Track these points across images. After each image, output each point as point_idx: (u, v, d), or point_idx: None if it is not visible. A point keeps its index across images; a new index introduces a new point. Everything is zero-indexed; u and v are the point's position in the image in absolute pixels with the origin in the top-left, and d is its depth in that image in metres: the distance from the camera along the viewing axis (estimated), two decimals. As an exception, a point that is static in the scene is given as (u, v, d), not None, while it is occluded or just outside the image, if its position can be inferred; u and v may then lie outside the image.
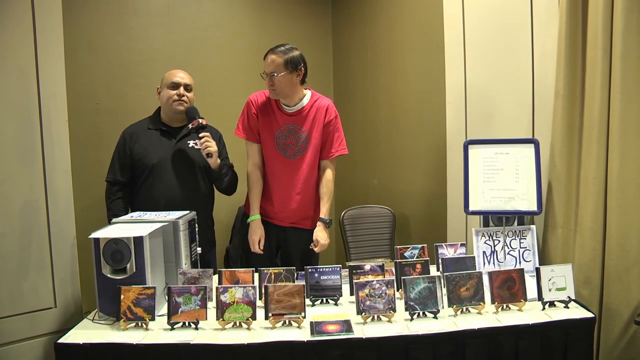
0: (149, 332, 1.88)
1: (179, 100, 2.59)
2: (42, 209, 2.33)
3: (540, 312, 2.00)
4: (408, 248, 2.47)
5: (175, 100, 2.58)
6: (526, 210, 2.45)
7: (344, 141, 2.74)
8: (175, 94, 2.58)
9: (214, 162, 2.55)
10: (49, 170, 2.34)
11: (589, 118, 2.33)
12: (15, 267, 2.26)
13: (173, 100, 2.58)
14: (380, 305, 1.95)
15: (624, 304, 2.23)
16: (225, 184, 2.68)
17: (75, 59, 3.06)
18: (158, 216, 2.24)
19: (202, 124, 2.54)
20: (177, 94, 2.58)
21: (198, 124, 2.53)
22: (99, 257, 1.97)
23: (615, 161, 2.24)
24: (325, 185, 2.69)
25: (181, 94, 2.58)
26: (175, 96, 2.58)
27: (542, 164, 2.47)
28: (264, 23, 3.88)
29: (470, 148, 2.55)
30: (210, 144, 2.52)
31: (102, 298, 1.99)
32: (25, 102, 2.28)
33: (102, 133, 3.22)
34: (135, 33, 3.39)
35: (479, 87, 2.79)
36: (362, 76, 3.94)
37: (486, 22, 2.74)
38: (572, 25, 2.37)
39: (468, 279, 2.01)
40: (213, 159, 2.54)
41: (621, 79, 2.20)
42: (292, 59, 2.50)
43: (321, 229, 2.64)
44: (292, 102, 2.60)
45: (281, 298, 1.93)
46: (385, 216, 3.44)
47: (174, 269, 2.19)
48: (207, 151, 2.51)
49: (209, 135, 2.53)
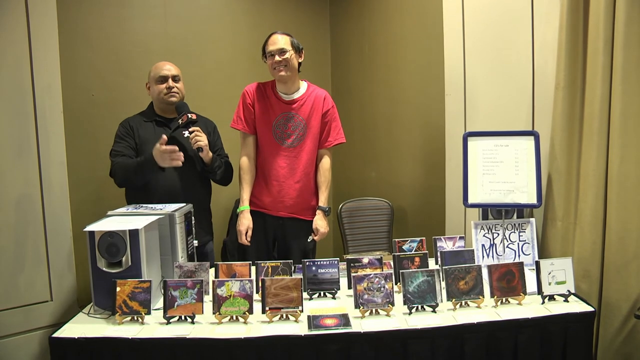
0: (145, 326, 1.87)
1: (170, 93, 2.58)
2: (37, 202, 2.31)
3: (539, 305, 1.99)
4: (406, 241, 2.46)
5: (165, 94, 2.58)
6: (526, 203, 2.44)
7: (342, 130, 2.75)
8: (164, 87, 2.58)
9: (205, 156, 2.54)
10: (44, 163, 2.32)
11: (590, 110, 2.31)
12: (10, 260, 2.25)
13: (164, 94, 2.58)
14: (379, 299, 1.94)
15: (623, 297, 2.22)
16: (219, 176, 2.68)
17: (71, 51, 3.03)
18: (154, 209, 2.23)
19: (192, 119, 2.52)
20: (166, 87, 2.58)
21: (187, 119, 2.51)
22: (94, 251, 1.95)
23: (615, 154, 2.22)
24: (323, 174, 2.70)
25: (170, 87, 2.58)
26: (165, 89, 2.58)
27: (542, 156, 2.46)
28: (261, 16, 3.85)
29: (470, 140, 2.53)
30: (200, 138, 2.50)
31: (97, 292, 1.98)
32: (19, 94, 2.26)
33: (97, 125, 3.19)
34: (131, 25, 3.36)
35: (479, 79, 2.76)
36: (360, 69, 3.91)
37: (486, 13, 2.72)
38: (573, 16, 2.34)
39: (467, 272, 2.00)
40: (204, 153, 2.53)
41: (622, 71, 2.17)
42: (295, 41, 2.58)
43: (320, 217, 2.66)
44: (290, 90, 2.61)
45: (278, 292, 1.92)
46: (384, 209, 3.42)
47: (170, 262, 2.17)
48: (197, 145, 2.49)
49: (199, 130, 2.52)
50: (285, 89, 2.61)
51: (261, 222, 2.66)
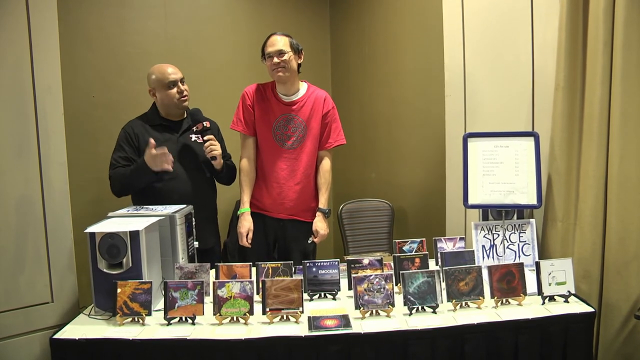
0: (146, 327, 1.87)
1: (182, 97, 2.57)
2: (38, 203, 2.31)
3: (540, 306, 1.99)
4: (407, 242, 2.46)
5: (179, 99, 2.56)
6: (526, 204, 2.44)
7: (342, 132, 2.75)
8: (176, 92, 2.56)
9: (217, 164, 2.57)
10: (44, 164, 2.31)
11: (590, 111, 2.31)
12: (11, 261, 2.24)
13: (177, 99, 2.56)
14: (379, 300, 1.94)
15: (623, 298, 2.22)
16: (224, 179, 2.72)
17: (71, 52, 3.03)
18: (155, 210, 2.23)
19: (206, 127, 2.55)
20: (177, 91, 2.56)
21: (202, 126, 2.54)
22: (94, 252, 1.95)
23: (615, 155, 2.22)
24: (323, 176, 2.69)
25: (181, 90, 2.57)
26: (178, 94, 2.56)
27: (542, 157, 2.46)
28: (261, 16, 3.85)
29: (470, 141, 2.53)
30: (215, 147, 2.52)
31: (98, 293, 1.98)
32: (20, 95, 2.25)
33: (98, 126, 3.19)
34: (132, 26, 3.36)
35: (478, 80, 2.76)
36: (360, 69, 3.91)
37: (485, 14, 2.72)
38: (573, 17, 2.34)
39: (467, 273, 2.00)
40: (217, 161, 2.55)
41: (622, 72, 2.18)
42: (294, 42, 2.57)
43: (320, 219, 2.66)
44: (290, 91, 2.61)
45: (279, 293, 1.92)
46: (384, 210, 3.43)
47: (171, 263, 2.18)
48: (212, 155, 2.52)
49: (213, 138, 2.54)
50: (285, 90, 2.60)
51: (261, 223, 2.66)
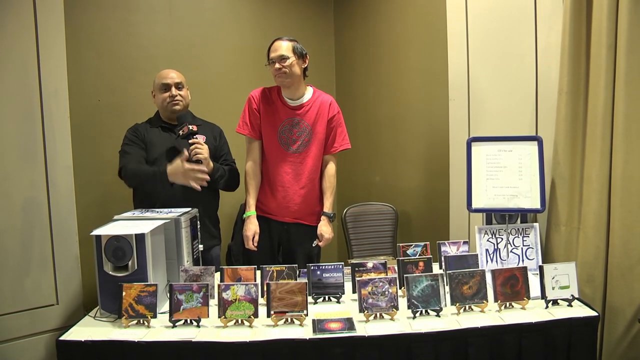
0: (151, 329, 1.88)
1: (173, 101, 2.59)
2: (43, 205, 2.33)
3: (543, 310, 1.99)
4: (411, 246, 2.46)
5: (169, 102, 2.59)
6: (529, 208, 2.44)
7: (347, 136, 2.76)
8: (167, 95, 2.59)
9: (205, 167, 2.50)
10: (50, 167, 2.34)
11: (593, 115, 2.32)
12: (17, 264, 2.26)
13: (167, 102, 2.59)
14: (383, 303, 1.94)
15: (627, 302, 2.22)
16: (222, 185, 2.66)
17: (77, 56, 3.05)
18: (160, 213, 2.24)
19: (192, 130, 2.47)
20: (169, 95, 2.58)
21: (188, 130, 2.46)
22: (100, 254, 1.96)
23: (619, 159, 2.22)
24: (328, 180, 2.71)
25: (173, 95, 2.58)
26: (168, 98, 2.58)
27: (546, 161, 2.46)
28: (266, 20, 3.86)
29: (474, 145, 2.53)
30: (200, 150, 2.44)
31: (103, 295, 1.99)
32: (26, 98, 2.28)
33: (103, 129, 3.21)
34: (137, 29, 3.38)
35: (482, 84, 2.77)
36: (364, 73, 3.92)
37: (489, 18, 2.73)
38: (576, 21, 2.35)
39: (471, 277, 2.01)
40: (204, 165, 2.48)
41: (625, 76, 2.18)
42: (299, 47, 2.57)
43: (325, 223, 2.67)
44: (295, 95, 2.62)
45: (283, 296, 1.92)
46: (388, 213, 3.43)
47: (176, 266, 2.19)
48: (197, 158, 2.45)
49: (199, 142, 2.47)
50: (291, 94, 2.61)
51: (266, 227, 2.67)
